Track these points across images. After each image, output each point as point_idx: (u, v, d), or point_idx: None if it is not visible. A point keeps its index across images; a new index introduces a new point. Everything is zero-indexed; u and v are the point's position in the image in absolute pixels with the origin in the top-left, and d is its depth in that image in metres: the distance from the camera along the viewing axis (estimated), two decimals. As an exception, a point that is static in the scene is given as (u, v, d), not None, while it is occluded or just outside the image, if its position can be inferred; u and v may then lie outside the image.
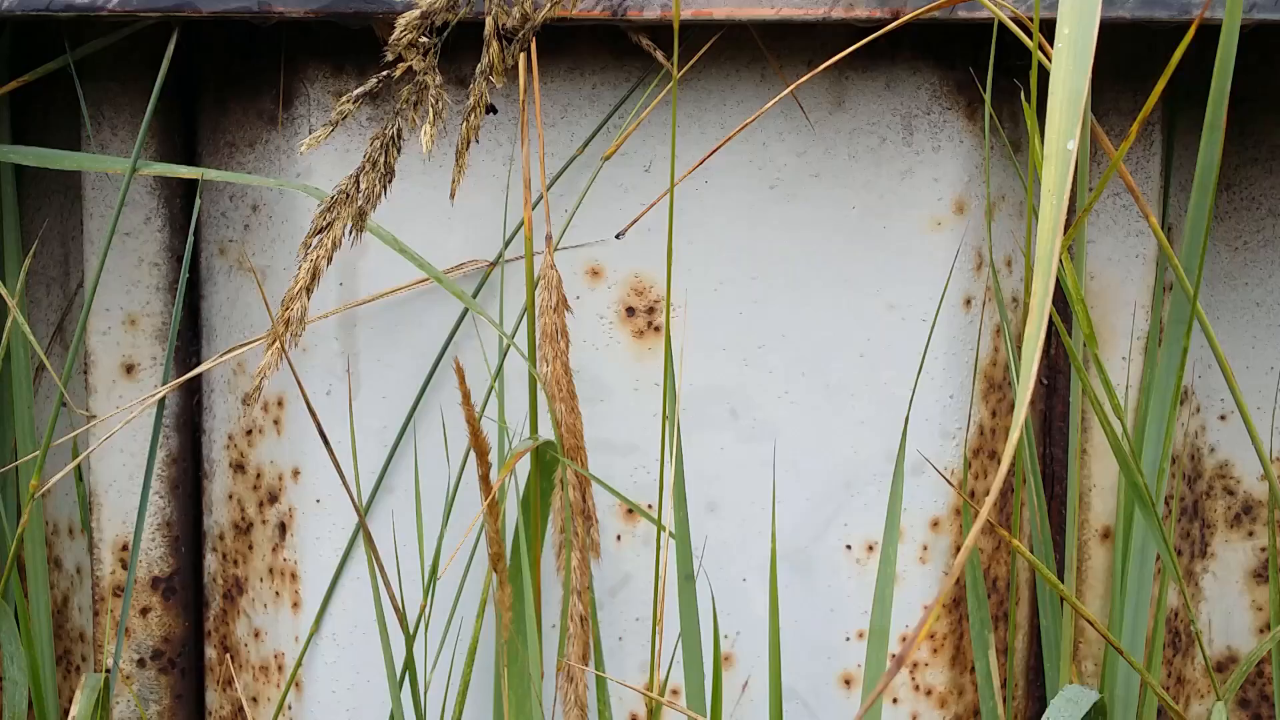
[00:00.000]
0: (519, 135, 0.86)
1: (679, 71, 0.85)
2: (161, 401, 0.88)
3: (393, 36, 0.66)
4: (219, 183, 0.91)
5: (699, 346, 0.88)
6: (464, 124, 0.69)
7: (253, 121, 0.90)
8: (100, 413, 0.93)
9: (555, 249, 0.87)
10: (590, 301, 0.88)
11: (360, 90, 0.68)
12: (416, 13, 0.66)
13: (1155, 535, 0.75)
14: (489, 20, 0.67)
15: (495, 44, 0.66)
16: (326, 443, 0.80)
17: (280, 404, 0.90)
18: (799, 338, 0.88)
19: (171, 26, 0.83)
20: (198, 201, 0.89)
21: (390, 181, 0.70)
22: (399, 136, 0.68)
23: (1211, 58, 0.95)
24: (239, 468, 0.93)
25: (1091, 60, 0.59)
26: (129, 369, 0.93)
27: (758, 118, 0.85)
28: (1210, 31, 0.80)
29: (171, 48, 0.83)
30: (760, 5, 0.79)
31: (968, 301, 0.89)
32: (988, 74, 0.87)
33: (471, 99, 0.69)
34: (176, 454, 0.94)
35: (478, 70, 0.68)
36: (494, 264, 0.87)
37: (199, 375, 0.94)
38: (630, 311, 0.88)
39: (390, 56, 0.66)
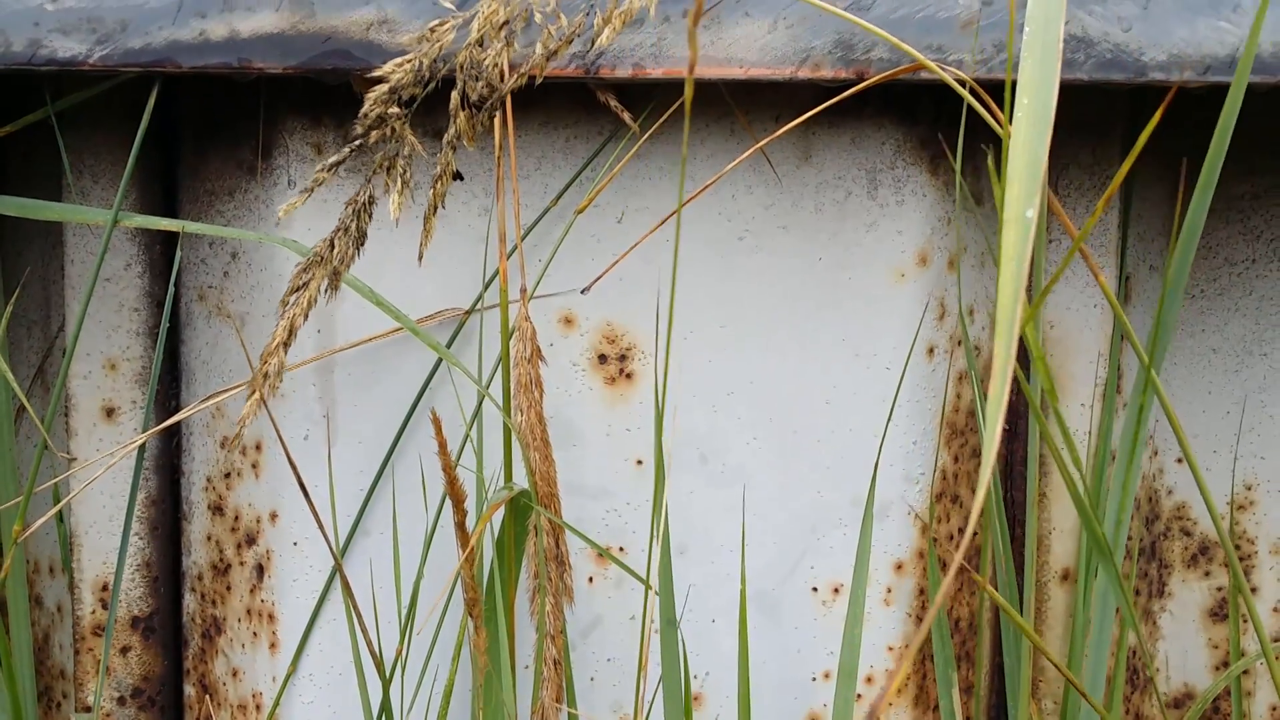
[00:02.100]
0: (495, 187, 0.88)
1: (653, 127, 0.87)
2: (142, 446, 0.90)
3: (363, 109, 0.68)
4: (199, 230, 0.92)
5: (669, 393, 0.90)
6: (431, 191, 0.71)
7: (232, 170, 0.92)
8: (81, 455, 0.94)
9: (530, 298, 0.89)
10: (563, 349, 0.90)
11: (333, 160, 0.70)
12: (385, 88, 0.68)
13: (1114, 587, 0.77)
14: (455, 94, 0.69)
15: (462, 114, 0.68)
16: (304, 489, 0.81)
17: (258, 448, 0.92)
18: (767, 385, 0.90)
19: (152, 79, 0.85)
20: (179, 252, 0.90)
21: (363, 244, 0.72)
22: (370, 203, 0.70)
23: (1165, 114, 0.97)
24: (217, 510, 0.94)
25: (1050, 131, 0.61)
26: (109, 412, 0.95)
27: (725, 175, 0.87)
28: (1165, 90, 0.82)
29: (152, 102, 0.84)
30: (729, 65, 0.81)
31: (931, 350, 0.91)
32: (947, 129, 0.89)
33: (439, 168, 0.71)
34: (156, 496, 0.96)
35: (445, 140, 0.70)
36: (468, 313, 0.89)
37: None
38: (603, 359, 0.90)
39: (360, 130, 0.68)
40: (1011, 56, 0.73)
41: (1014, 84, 0.63)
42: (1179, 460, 1.02)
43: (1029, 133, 0.61)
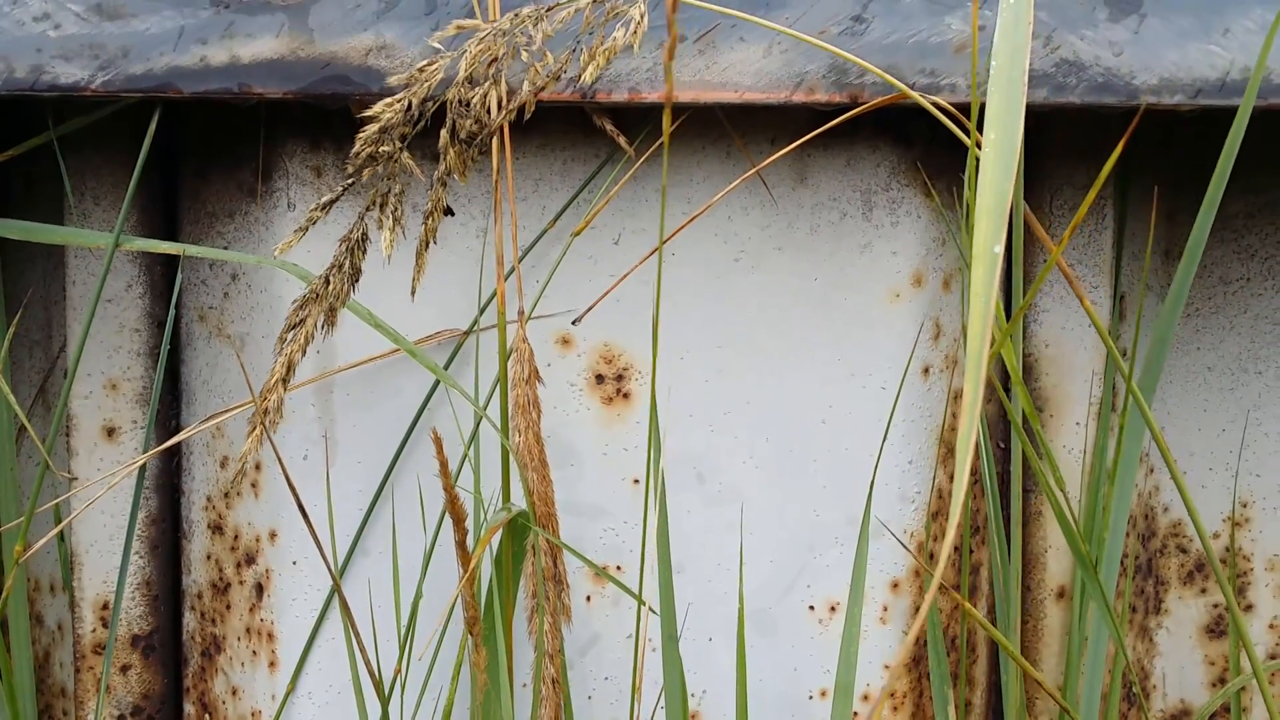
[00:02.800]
0: (492, 210, 0.89)
1: (649, 150, 0.88)
2: (142, 465, 0.90)
3: (354, 149, 0.69)
4: (199, 251, 0.93)
5: (666, 413, 0.91)
6: (423, 227, 0.71)
7: (232, 193, 0.92)
8: (82, 475, 0.95)
9: (527, 319, 0.89)
10: (560, 369, 0.90)
11: (327, 199, 0.70)
12: (375, 128, 0.69)
13: (1100, 607, 0.78)
14: (444, 132, 0.70)
15: (454, 150, 0.69)
16: (302, 510, 0.82)
17: (258, 467, 0.92)
18: (763, 404, 0.91)
19: (153, 104, 0.85)
20: (179, 274, 0.91)
21: (357, 281, 0.73)
22: (364, 239, 0.71)
23: (1158, 135, 0.98)
24: (217, 529, 0.95)
25: (1015, 166, 0.61)
26: (110, 432, 0.95)
27: (723, 197, 0.88)
28: (1158, 112, 0.83)
29: (153, 127, 0.85)
30: (724, 89, 0.82)
31: (926, 370, 0.92)
32: (941, 150, 0.90)
33: (429, 204, 0.71)
34: (156, 515, 0.96)
35: (435, 176, 0.70)
36: (466, 334, 0.89)
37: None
38: (600, 379, 0.91)
39: (351, 169, 0.69)
40: (975, 86, 0.73)
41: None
42: (1173, 478, 1.02)
43: (996, 168, 0.61)
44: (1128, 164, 0.96)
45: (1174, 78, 0.81)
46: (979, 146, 0.69)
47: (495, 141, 0.83)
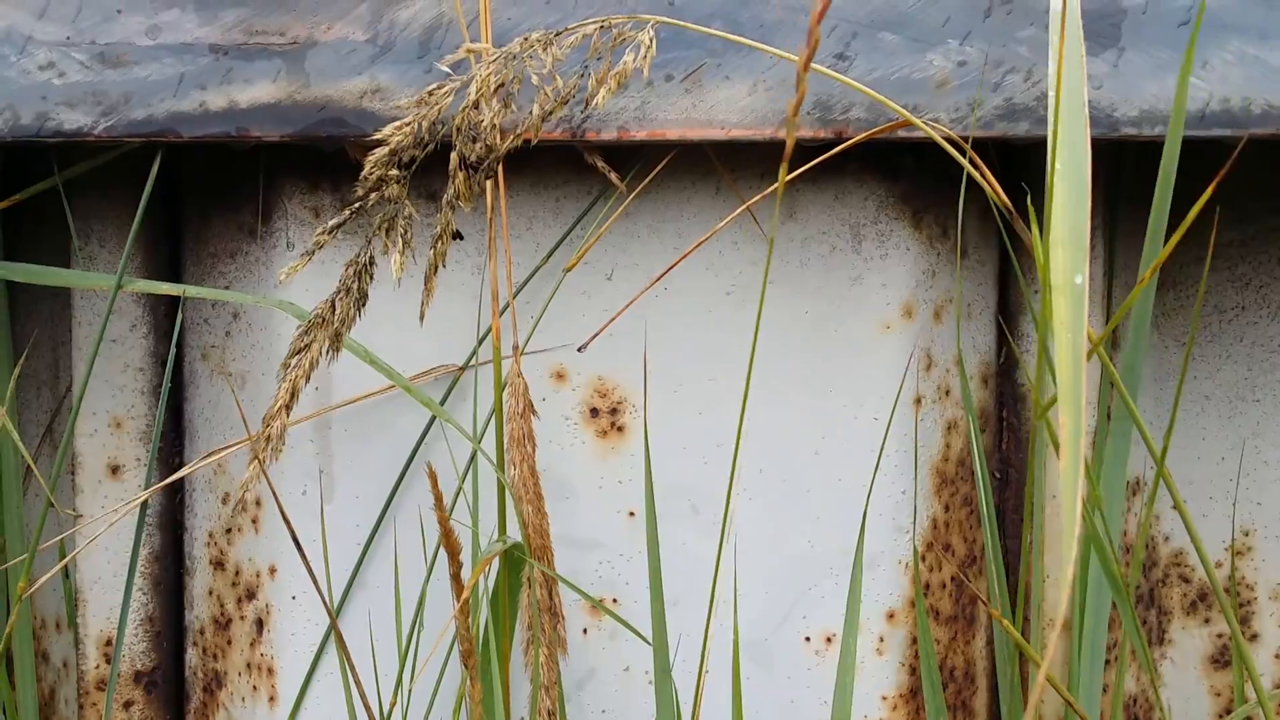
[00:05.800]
0: (487, 247, 0.90)
1: (639, 187, 0.89)
2: (145, 502, 0.92)
3: (363, 172, 0.70)
4: (202, 291, 0.95)
5: (660, 446, 0.91)
6: (432, 250, 0.73)
7: (233, 233, 0.94)
8: (86, 512, 0.96)
9: (521, 354, 0.90)
10: (555, 403, 0.92)
11: (334, 222, 0.72)
12: (385, 151, 0.70)
13: (1127, 619, 0.78)
14: (454, 155, 0.71)
15: (461, 174, 0.70)
16: (298, 545, 0.83)
17: (258, 503, 0.93)
18: (756, 436, 0.91)
19: (155, 148, 0.88)
20: (180, 314, 0.93)
21: (364, 305, 0.74)
22: (371, 263, 0.72)
23: (1149, 165, 0.99)
24: (219, 565, 0.96)
25: (1089, 195, 0.61)
26: (114, 470, 0.97)
27: (715, 233, 0.89)
28: (1140, 144, 0.84)
29: (155, 170, 0.87)
30: (711, 126, 0.84)
31: (918, 401, 0.92)
32: (928, 184, 0.91)
33: (439, 227, 0.73)
34: (159, 551, 0.97)
35: (444, 200, 0.72)
36: (462, 369, 0.91)
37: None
38: (594, 412, 0.92)
39: (360, 192, 0.70)
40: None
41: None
42: (1175, 506, 1.02)
43: (1068, 197, 0.60)
44: (1117, 193, 0.97)
45: (1154, 109, 0.82)
46: (983, 176, 0.70)
47: (489, 180, 0.84)
